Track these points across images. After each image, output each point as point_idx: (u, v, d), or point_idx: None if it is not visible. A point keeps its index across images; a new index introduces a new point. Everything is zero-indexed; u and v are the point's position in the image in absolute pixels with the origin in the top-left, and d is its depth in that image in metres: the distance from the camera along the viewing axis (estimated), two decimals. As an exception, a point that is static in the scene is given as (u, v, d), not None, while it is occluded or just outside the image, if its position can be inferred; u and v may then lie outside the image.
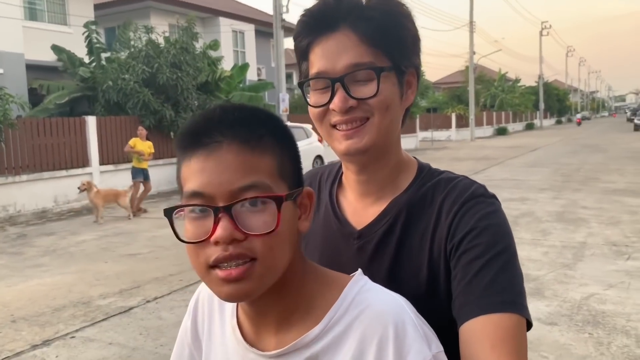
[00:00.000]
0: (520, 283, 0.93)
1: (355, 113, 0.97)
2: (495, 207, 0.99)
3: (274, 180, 0.78)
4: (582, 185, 12.66)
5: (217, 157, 0.76)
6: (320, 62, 0.98)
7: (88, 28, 15.21)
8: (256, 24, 27.73)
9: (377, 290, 0.86)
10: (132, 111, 14.08)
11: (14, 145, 11.35)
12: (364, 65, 0.95)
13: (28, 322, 5.02)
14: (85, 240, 8.73)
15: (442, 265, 0.97)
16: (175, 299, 5.51)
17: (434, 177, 1.05)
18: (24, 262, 7.40)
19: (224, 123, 0.78)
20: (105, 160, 13.29)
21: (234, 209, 0.74)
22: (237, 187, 0.75)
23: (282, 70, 18.44)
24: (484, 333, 0.86)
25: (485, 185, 1.03)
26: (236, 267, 0.75)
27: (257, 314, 0.87)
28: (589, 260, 6.40)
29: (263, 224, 0.75)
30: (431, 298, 0.96)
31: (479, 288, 0.90)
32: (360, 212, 1.08)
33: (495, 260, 0.92)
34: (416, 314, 0.84)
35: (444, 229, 0.98)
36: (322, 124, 1.02)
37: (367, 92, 0.96)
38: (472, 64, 36.76)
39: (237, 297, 0.78)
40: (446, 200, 1.00)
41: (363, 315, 0.82)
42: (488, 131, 42.10)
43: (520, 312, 0.88)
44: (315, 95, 1.01)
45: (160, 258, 7.26)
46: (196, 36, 15.87)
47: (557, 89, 71.24)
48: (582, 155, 21.24)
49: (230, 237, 0.74)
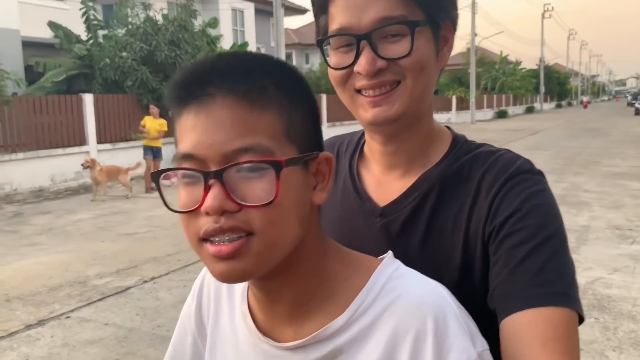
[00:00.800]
0: (572, 273, 0.80)
1: (384, 76, 0.83)
2: (544, 186, 0.86)
3: (278, 142, 0.65)
4: (583, 169, 12.56)
5: (210, 112, 0.64)
6: (343, 16, 0.83)
7: (85, 4, 14.97)
8: (256, 2, 27.39)
9: (413, 277, 0.74)
10: (129, 89, 13.91)
11: (10, 123, 11.20)
12: (395, 19, 0.81)
13: (23, 301, 4.93)
14: (82, 219, 8.63)
15: (479, 249, 0.85)
16: (173, 279, 5.42)
17: (472, 150, 0.92)
18: (20, 240, 7.31)
19: (218, 72, 0.65)
20: (103, 138, 13.15)
21: (227, 175, 0.62)
22: (231, 149, 0.62)
23: (282, 50, 18.22)
24: (532, 329, 0.74)
25: (531, 161, 0.89)
26: (229, 243, 0.63)
27: (269, 299, 0.75)
28: (593, 244, 6.31)
29: (261, 192, 0.63)
30: (463, 286, 0.84)
31: (525, 277, 0.78)
32: (384, 187, 0.95)
33: (544, 246, 0.79)
34: (459, 305, 0.73)
35: (484, 209, 0.85)
36: (344, 89, 0.88)
37: (398, 51, 0.82)
38: (473, 46, 36.43)
39: (230, 278, 0.66)
40: (486, 175, 0.87)
41: (396, 304, 0.70)
42: (488, 114, 41.89)
43: (573, 306, 0.76)
44: (337, 55, 0.86)
45: (158, 238, 7.17)
46: (195, 14, 15.64)
47: (557, 72, 70.85)
48: (583, 139, 21.12)
49: (220, 207, 0.62)
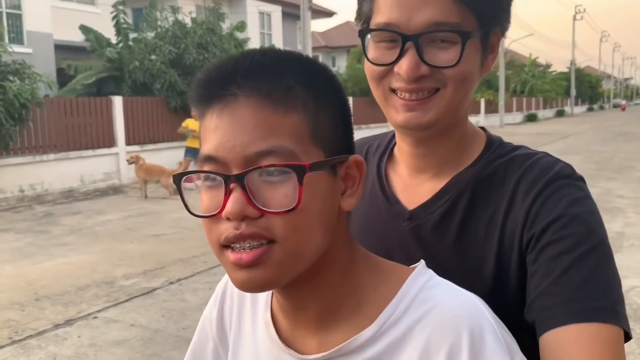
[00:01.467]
0: (618, 287, 0.75)
1: (424, 82, 0.79)
2: (586, 192, 0.81)
3: (303, 145, 0.62)
4: (616, 174, 12.27)
5: (232, 113, 0.61)
6: (392, 12, 0.78)
7: (116, 8, 15.20)
8: (283, 5, 27.52)
9: (447, 287, 0.70)
10: (158, 92, 14.06)
11: (42, 124, 11.40)
12: (449, 26, 0.76)
13: (51, 300, 4.99)
14: (110, 220, 8.73)
15: (515, 257, 0.80)
16: (198, 281, 5.43)
17: (508, 153, 0.87)
18: (50, 240, 7.41)
19: (241, 71, 0.62)
20: (132, 140, 13.30)
21: (248, 179, 0.59)
22: (253, 151, 0.60)
23: (309, 53, 18.25)
24: (577, 345, 0.69)
25: (572, 165, 0.84)
26: (250, 250, 0.60)
27: (294, 308, 0.71)
28: (628, 252, 6.13)
29: (284, 198, 0.60)
30: (497, 296, 0.79)
31: (569, 289, 0.73)
32: (413, 189, 0.90)
33: (588, 257, 0.74)
34: (496, 318, 0.68)
35: (520, 215, 0.80)
36: (378, 85, 0.83)
37: (446, 59, 0.77)
38: (502, 48, 36.01)
39: (251, 287, 0.63)
40: (523, 180, 0.82)
41: (429, 316, 0.66)
42: (518, 117, 41.31)
43: (620, 323, 0.71)
44: (378, 48, 0.81)
45: (185, 239, 7.20)
46: (223, 17, 15.76)
47: (589, 75, 69.68)
48: (616, 143, 20.66)
49: (241, 212, 0.59)
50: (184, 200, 0.66)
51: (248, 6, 25.05)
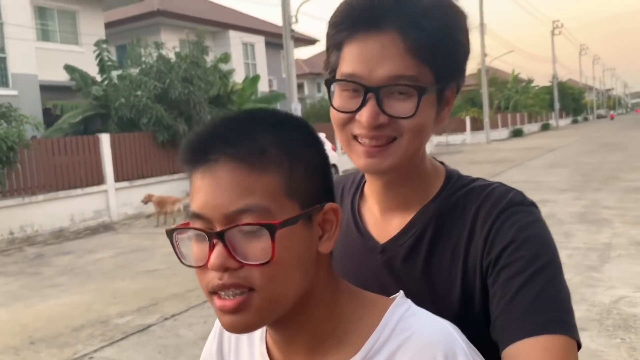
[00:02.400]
0: (567, 300, 0.82)
1: (383, 131, 0.86)
2: (536, 216, 0.89)
3: (277, 201, 0.68)
4: (603, 185, 12.42)
5: (213, 175, 0.68)
6: (356, 65, 0.85)
7: (99, 47, 15.32)
8: (266, 35, 27.85)
9: (424, 316, 0.77)
10: (145, 127, 14.12)
11: (30, 165, 11.42)
12: (407, 79, 0.83)
13: (46, 343, 4.97)
14: (102, 258, 8.71)
15: (478, 282, 0.87)
16: (193, 316, 5.43)
17: (466, 185, 0.95)
18: (42, 282, 7.38)
19: (220, 138, 0.70)
20: (120, 177, 13.31)
21: (228, 235, 0.67)
22: (232, 210, 0.67)
23: (293, 81, 18.44)
24: (530, 357, 0.76)
25: (523, 192, 0.92)
26: (233, 298, 0.68)
27: (285, 341, 0.78)
28: (616, 262, 6.22)
29: (260, 251, 0.67)
30: (465, 318, 0.86)
31: (522, 307, 0.80)
32: (383, 224, 0.98)
33: (539, 275, 0.82)
34: (467, 342, 0.75)
35: (480, 243, 0.88)
36: (342, 131, 0.90)
37: (403, 111, 0.84)
38: (484, 66, 36.51)
39: (236, 329, 0.71)
40: (481, 210, 0.90)
41: (408, 343, 0.73)
42: (503, 133, 41.73)
43: (570, 333, 0.78)
44: (342, 97, 0.88)
45: (178, 274, 7.20)
46: (206, 50, 15.92)
47: (571, 88, 70.63)
48: (601, 154, 20.92)
49: (222, 265, 0.67)
50: (177, 252, 0.73)
51: (231, 38, 25.34)
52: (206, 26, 21.80)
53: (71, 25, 18.30)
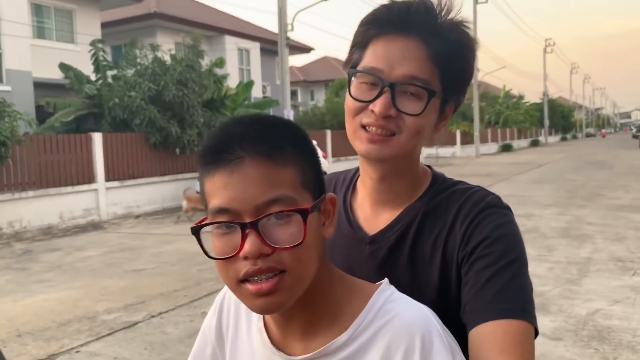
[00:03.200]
0: (529, 292, 0.95)
1: (389, 123, 0.97)
2: (509, 218, 1.01)
3: (298, 191, 0.79)
4: (587, 202, 12.62)
5: (241, 172, 0.76)
6: (379, 60, 0.96)
7: (95, 46, 15.36)
8: (261, 42, 28.00)
9: (404, 300, 0.88)
10: (138, 128, 14.17)
11: (21, 161, 11.43)
12: (421, 81, 0.95)
13: (33, 336, 5.03)
14: (90, 256, 8.76)
15: (454, 272, 0.99)
16: (180, 314, 5.51)
17: (449, 187, 1.07)
18: (30, 277, 7.42)
19: (245, 138, 0.78)
20: (111, 176, 13.35)
21: (261, 224, 0.75)
22: (262, 201, 0.75)
23: (287, 88, 18.57)
24: (493, 338, 0.88)
25: (500, 197, 1.04)
26: (267, 281, 0.76)
27: (283, 319, 0.88)
28: (595, 276, 6.37)
29: (290, 236, 0.76)
30: (442, 304, 0.98)
31: (490, 294, 0.92)
32: (373, 218, 1.09)
33: (506, 269, 0.94)
34: (442, 326, 0.86)
35: (458, 237, 1.00)
36: (353, 119, 1.01)
37: (411, 109, 0.96)
38: (476, 81, 36.85)
39: (270, 310, 0.80)
40: (461, 209, 1.01)
41: (390, 324, 0.83)
42: (493, 148, 42.07)
43: (529, 320, 0.90)
44: (360, 88, 0.99)
45: (165, 274, 7.27)
46: (202, 54, 16.00)
47: (561, 105, 71.27)
48: (587, 171, 21.18)
49: (258, 251, 0.75)
50: (204, 248, 0.80)
51: (227, 43, 25.46)
52: (202, 30, 21.96)
53: (67, 23, 18.34)
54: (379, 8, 0.99)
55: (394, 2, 0.99)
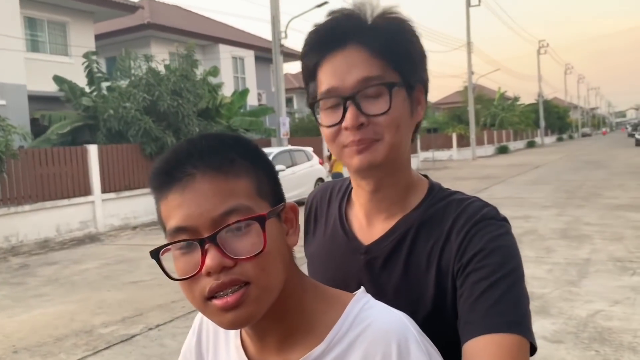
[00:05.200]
0: (525, 305, 0.92)
1: (366, 133, 0.96)
2: (506, 230, 0.99)
3: (254, 201, 0.78)
4: (585, 202, 12.62)
5: (194, 188, 0.75)
6: (330, 79, 0.97)
7: (88, 58, 15.37)
8: (255, 50, 28.03)
9: (380, 308, 0.86)
10: (133, 139, 14.16)
11: (17, 175, 11.39)
12: (374, 79, 0.95)
13: (30, 352, 4.98)
14: (87, 268, 8.71)
15: (450, 283, 0.97)
16: (177, 326, 5.47)
17: (446, 198, 1.05)
18: (26, 292, 7.37)
19: (194, 155, 0.78)
20: (107, 188, 13.32)
21: (219, 237, 0.74)
22: (218, 213, 0.74)
23: (282, 95, 18.58)
24: (486, 352, 0.86)
25: (497, 208, 1.03)
26: (232, 294, 0.74)
27: (258, 334, 0.87)
28: (594, 277, 6.35)
29: (251, 246, 0.75)
30: (438, 315, 0.96)
31: (484, 308, 0.90)
32: (368, 228, 1.08)
33: (502, 282, 0.92)
34: (419, 331, 0.84)
35: (453, 248, 0.98)
36: (334, 144, 1.01)
37: (379, 108, 0.95)
38: (471, 83, 36.97)
39: (239, 324, 0.78)
40: (457, 220, 1.00)
41: (366, 332, 0.82)
42: (489, 150, 42.14)
43: (524, 334, 0.88)
44: (327, 114, 1.00)
45: (163, 285, 7.22)
46: (196, 63, 16.02)
47: (557, 106, 71.46)
48: (584, 171, 21.21)
49: (220, 265, 0.73)
50: (164, 270, 0.80)
51: (221, 51, 25.48)
52: (196, 39, 21.97)
53: (61, 36, 18.32)
54: (308, 36, 1.00)
55: (319, 25, 1.00)
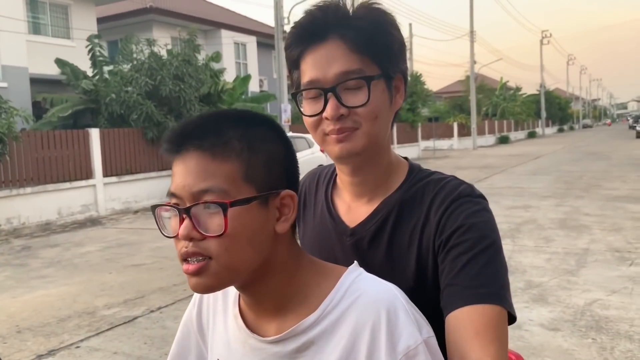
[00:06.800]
0: (504, 277, 0.98)
1: (345, 122, 1.01)
2: (482, 206, 1.04)
3: (236, 185, 0.82)
4: (584, 193, 12.66)
5: (184, 163, 0.83)
6: (312, 71, 1.02)
7: (91, 41, 15.32)
8: (258, 35, 27.93)
9: (371, 279, 0.92)
10: (135, 123, 14.16)
11: (18, 157, 11.42)
12: (354, 73, 1.00)
13: (33, 332, 5.04)
14: (89, 251, 8.77)
15: (430, 259, 1.03)
16: (179, 309, 5.53)
17: (424, 178, 1.11)
18: (29, 273, 7.43)
19: (193, 132, 0.85)
20: (109, 172, 13.35)
21: (194, 210, 0.81)
22: (196, 190, 0.81)
23: (284, 82, 18.55)
24: (468, 321, 0.91)
25: (473, 185, 1.08)
26: (194, 263, 0.82)
27: (255, 302, 0.93)
28: (592, 267, 6.40)
29: (217, 226, 0.81)
30: (419, 290, 1.02)
31: (466, 280, 0.96)
32: (353, 211, 1.13)
33: (481, 255, 0.97)
34: (408, 300, 0.89)
35: (433, 226, 1.03)
36: (316, 132, 1.06)
37: (358, 101, 1.00)
38: (473, 73, 36.87)
39: (199, 289, 0.85)
40: (435, 199, 1.05)
41: (357, 302, 0.87)
42: (490, 140, 42.14)
43: (503, 304, 0.94)
44: (309, 104, 1.05)
45: (165, 268, 7.29)
46: (198, 48, 15.97)
47: (558, 97, 71.28)
48: (584, 162, 21.24)
49: (188, 236, 0.81)
50: (158, 224, 0.89)
51: (223, 37, 25.39)
52: (198, 24, 21.88)
53: (63, 19, 18.27)
54: (292, 28, 1.06)
55: (302, 17, 1.05)
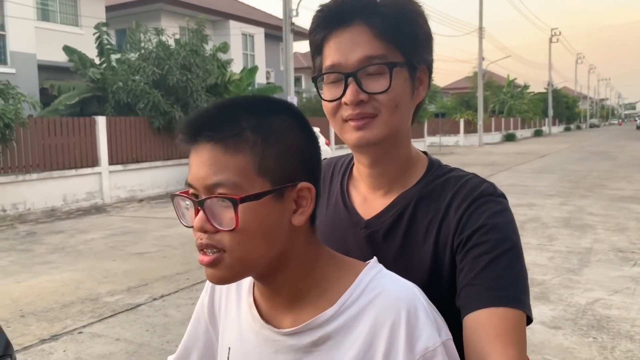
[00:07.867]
0: (524, 280, 0.97)
1: (365, 108, 0.99)
2: (504, 206, 1.02)
3: (248, 178, 0.80)
4: (589, 192, 12.61)
5: (198, 154, 0.82)
6: (334, 56, 1.00)
7: (99, 29, 15.33)
8: (266, 27, 27.86)
9: (392, 277, 0.90)
10: (141, 112, 14.18)
11: (25, 144, 11.47)
12: (377, 58, 0.97)
13: (37, 317, 5.08)
14: (93, 238, 8.81)
15: (447, 257, 1.01)
16: (182, 297, 5.56)
17: (444, 174, 1.08)
18: (33, 259, 7.48)
19: (204, 123, 0.83)
20: (115, 160, 13.40)
21: (207, 203, 0.80)
22: (209, 183, 0.80)
23: (291, 74, 18.53)
24: (489, 323, 0.90)
25: (494, 184, 1.06)
26: (210, 255, 0.82)
27: (270, 292, 0.91)
28: (595, 266, 6.39)
29: (229, 220, 0.79)
30: (433, 287, 0.99)
31: (487, 281, 0.94)
32: (369, 203, 1.11)
33: (503, 257, 0.96)
34: (428, 301, 0.88)
35: (452, 224, 1.01)
36: (334, 118, 1.04)
37: (379, 87, 0.98)
38: (480, 69, 36.71)
39: (213, 280, 0.85)
40: (456, 196, 1.03)
41: (377, 300, 0.85)
42: (496, 137, 42.01)
43: (523, 309, 0.93)
44: (329, 88, 1.03)
45: (168, 257, 7.32)
46: (206, 39, 15.97)
47: (566, 96, 70.89)
48: (590, 162, 21.14)
49: (202, 228, 0.81)
50: (177, 213, 0.88)
51: (231, 28, 25.35)
52: (207, 15, 21.85)
53: (72, 6, 18.27)
54: (318, 12, 1.03)
55: (327, 2, 1.03)
